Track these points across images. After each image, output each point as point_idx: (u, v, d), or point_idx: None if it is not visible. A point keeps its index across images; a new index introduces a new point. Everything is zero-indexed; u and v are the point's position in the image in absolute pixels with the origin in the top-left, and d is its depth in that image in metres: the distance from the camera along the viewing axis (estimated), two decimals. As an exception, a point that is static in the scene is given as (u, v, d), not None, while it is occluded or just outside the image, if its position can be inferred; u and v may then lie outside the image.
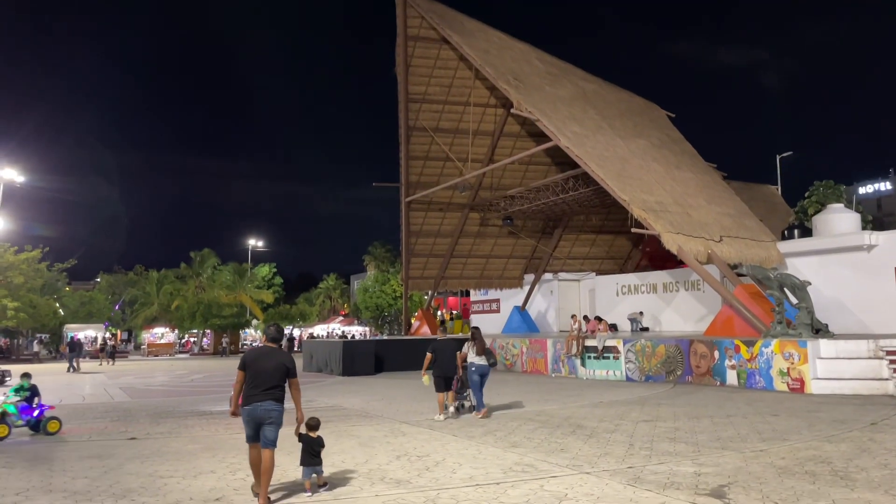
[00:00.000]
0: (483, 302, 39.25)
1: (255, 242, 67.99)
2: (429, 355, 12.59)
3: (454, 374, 12.74)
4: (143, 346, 55.76)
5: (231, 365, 35.07)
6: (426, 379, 12.63)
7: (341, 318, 69.22)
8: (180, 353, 55.43)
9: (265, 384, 6.82)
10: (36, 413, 11.62)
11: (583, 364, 21.23)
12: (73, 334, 48.79)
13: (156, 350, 52.68)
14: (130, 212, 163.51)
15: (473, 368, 12.52)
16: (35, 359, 48.01)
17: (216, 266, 59.08)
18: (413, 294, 41.01)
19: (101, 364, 36.62)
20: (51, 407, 12.20)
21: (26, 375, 12.24)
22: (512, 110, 23.10)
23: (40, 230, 54.43)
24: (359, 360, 24.76)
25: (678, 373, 18.47)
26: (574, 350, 21.40)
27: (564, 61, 30.14)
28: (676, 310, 27.85)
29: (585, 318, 23.04)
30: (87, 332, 50.94)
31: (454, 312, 49.55)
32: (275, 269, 64.80)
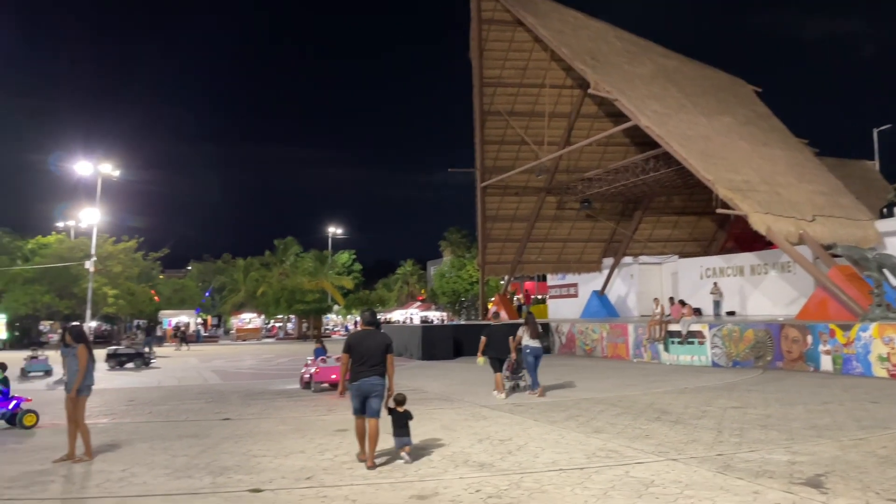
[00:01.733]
0: (560, 286, 38.83)
1: (335, 230, 69.60)
2: (483, 339, 13.30)
3: (507, 355, 13.45)
4: (231, 331, 58.23)
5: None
6: (481, 360, 13.44)
7: (419, 303, 70.11)
8: (266, 337, 57.57)
9: (370, 361, 7.67)
10: (11, 405, 10.95)
11: (666, 349, 20.74)
12: (143, 321, 51.45)
13: (244, 335, 54.89)
14: (218, 202, 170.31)
15: (528, 350, 13.36)
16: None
17: (298, 253, 60.85)
18: (489, 279, 40.98)
19: (176, 349, 38.16)
20: (27, 399, 11.49)
21: (2, 366, 11.50)
22: (589, 91, 22.67)
23: (135, 222, 57.38)
24: (438, 345, 25.03)
25: (768, 358, 17.78)
26: (657, 335, 20.92)
27: (644, 38, 29.28)
28: (765, 293, 26.75)
29: (671, 300, 22.47)
30: (180, 318, 53.54)
31: (517, 297, 49.10)
32: (354, 256, 66.20)
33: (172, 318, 53.29)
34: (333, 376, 14.87)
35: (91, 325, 44.98)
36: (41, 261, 47.94)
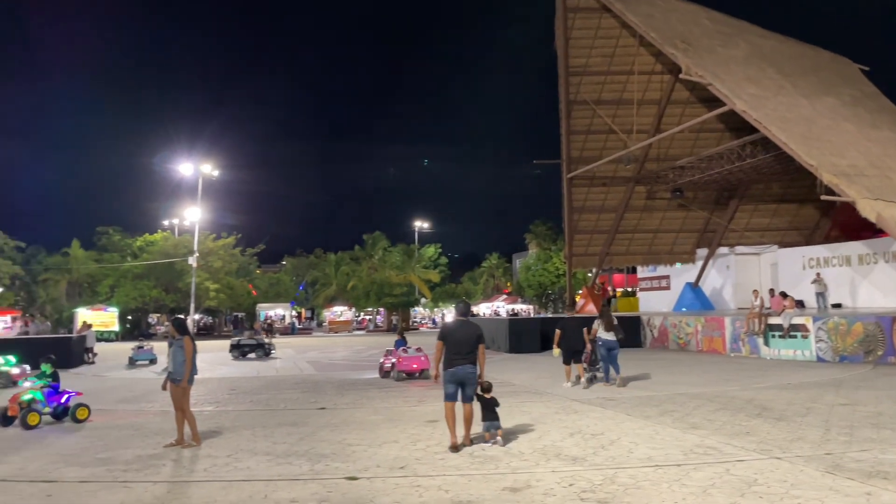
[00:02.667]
0: (651, 279, 37.83)
1: (421, 224, 70.44)
2: (558, 332, 13.80)
3: (581, 348, 13.83)
4: (324, 324, 60.00)
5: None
6: (556, 352, 13.93)
7: (504, 296, 69.98)
8: (357, 329, 58.97)
9: (463, 350, 8.16)
10: (64, 399, 10.89)
11: (766, 343, 19.84)
12: (237, 314, 53.66)
13: (335, 327, 56.44)
14: (310, 198, 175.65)
15: (601, 343, 13.63)
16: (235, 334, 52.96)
17: (386, 248, 61.96)
18: (577, 272, 40.41)
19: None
20: (78, 393, 11.40)
21: (48, 360, 11.38)
22: (680, 76, 21.90)
23: (233, 219, 60.04)
24: (524, 338, 24.92)
25: (878, 353, 16.71)
26: (756, 328, 20.04)
27: (738, 19, 28.02)
28: (875, 284, 25.12)
29: (771, 292, 21.46)
30: (276, 311, 55.63)
31: (598, 283, 47.91)
32: (440, 250, 66.79)
33: (269, 311, 55.46)
34: (415, 365, 15.87)
35: (195, 317, 47.45)
36: (148, 257, 51.01)
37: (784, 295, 20.27)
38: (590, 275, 39.65)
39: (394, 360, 16.32)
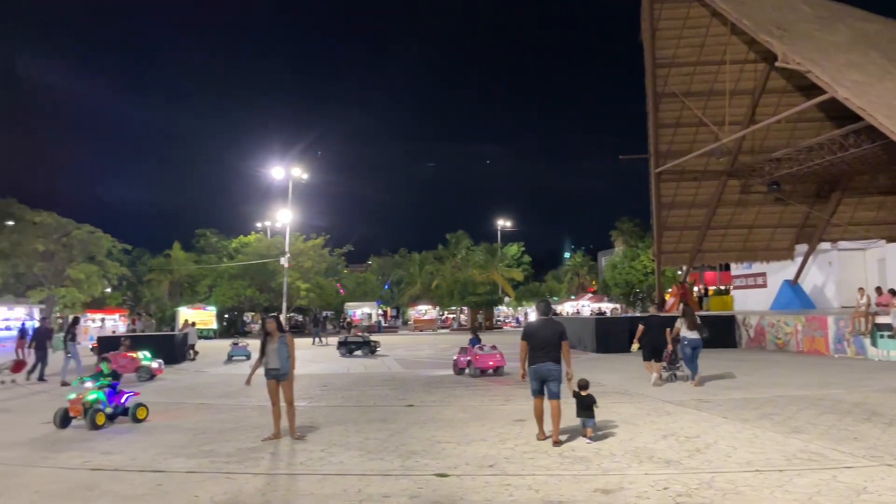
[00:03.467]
0: (746, 276, 36.26)
1: (503, 222, 70.28)
2: (640, 327, 14.00)
3: (663, 346, 13.91)
4: (409, 322, 60.83)
5: (487, 340, 36.74)
6: (635, 347, 14.15)
7: (590, 295, 68.85)
8: (441, 328, 59.45)
9: (546, 348, 8.37)
10: (123, 399, 10.84)
11: (873, 343, 18.67)
12: (315, 313, 54.89)
13: (420, 325, 57.13)
14: (394, 199, 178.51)
15: (686, 342, 13.70)
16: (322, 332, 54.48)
17: (469, 247, 62.17)
18: (665, 269, 39.25)
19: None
20: (136, 393, 11.45)
21: (105, 359, 11.41)
22: (776, 64, 20.86)
23: (321, 220, 61.86)
24: (612, 338, 24.42)
25: None
26: (862, 328, 18.90)
27: (838, 2, 26.47)
28: None
29: (878, 289, 20.19)
30: (363, 310, 56.84)
31: (689, 282, 46.24)
32: (523, 248, 66.39)
33: (356, 310, 56.74)
34: (491, 363, 16.43)
35: (288, 315, 49.09)
36: (243, 258, 53.23)
37: (893, 292, 19.01)
38: (679, 273, 38.44)
39: (469, 357, 16.89)
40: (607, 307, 62.02)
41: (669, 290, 38.64)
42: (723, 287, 47.18)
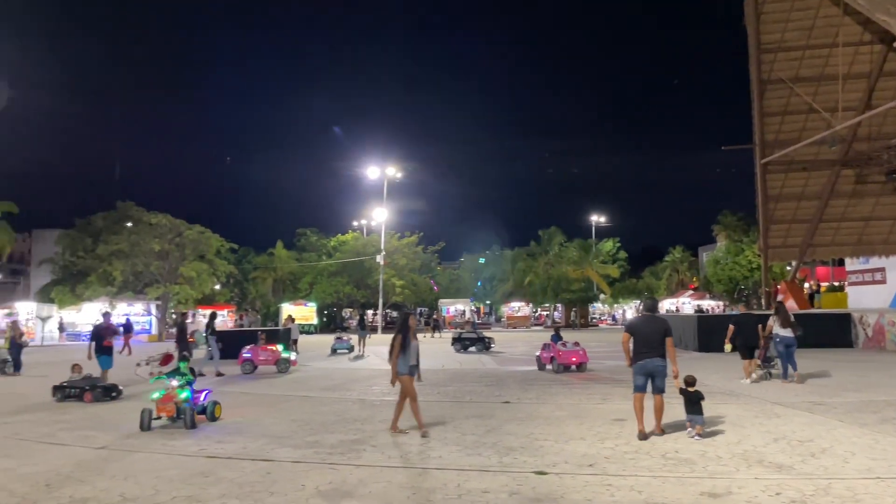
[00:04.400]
0: (863, 272, 33.91)
1: (598, 218, 68.98)
2: (731, 327, 14.02)
3: (755, 344, 13.91)
4: (502, 319, 60.80)
5: (581, 337, 36.19)
6: (728, 347, 14.08)
7: (690, 291, 66.48)
8: (535, 325, 59.06)
9: (651, 344, 8.53)
10: (203, 397, 10.58)
11: None
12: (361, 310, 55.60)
13: (514, 322, 56.98)
14: (486, 196, 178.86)
15: (779, 339, 13.61)
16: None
17: (562, 243, 61.45)
18: (773, 265, 37.34)
19: (429, 336, 40.34)
20: (210, 391, 11.14)
21: (184, 357, 11.21)
22: (895, 45, 19.46)
23: (415, 218, 62.82)
24: (715, 336, 23.43)
25: None
26: None
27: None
28: None
29: None
30: (456, 306, 57.32)
31: (799, 278, 43.66)
32: (618, 244, 64.99)
33: (450, 306, 57.29)
34: (573, 359, 16.92)
35: (384, 311, 50.17)
36: (341, 256, 54.85)
37: None
38: (788, 268, 36.49)
39: (552, 353, 17.34)
40: (709, 304, 59.69)
41: (778, 286, 36.68)
42: (836, 283, 44.42)
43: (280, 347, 18.75)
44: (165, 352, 12.81)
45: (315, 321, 50.71)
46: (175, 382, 10.11)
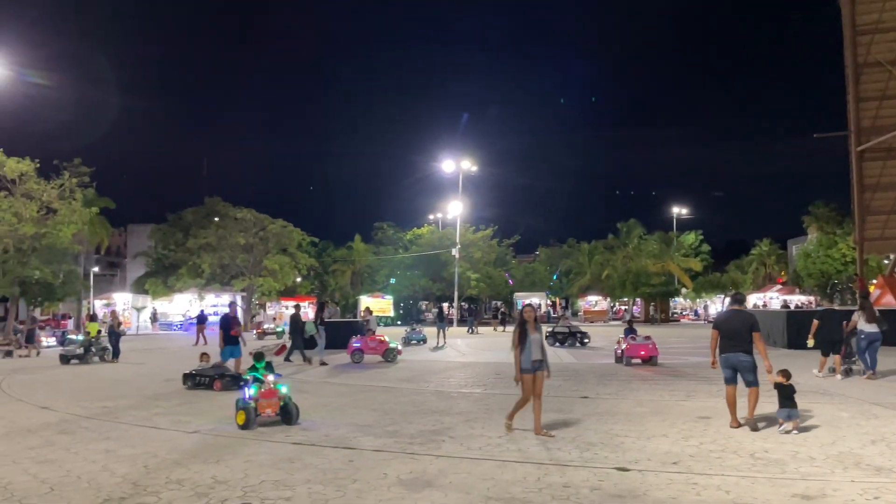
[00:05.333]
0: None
1: (679, 210, 67.03)
2: (815, 322, 13.96)
3: (839, 339, 13.80)
4: (579, 313, 60.02)
5: (662, 333, 35.35)
6: (811, 341, 14.04)
7: (779, 286, 63.72)
8: (612, 319, 58.01)
9: (736, 338, 8.59)
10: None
11: None
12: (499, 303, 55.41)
13: (591, 316, 56.19)
14: (562, 188, 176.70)
15: (863, 336, 13.52)
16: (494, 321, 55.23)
17: (642, 236, 60.09)
18: (869, 258, 35.31)
19: (494, 329, 40.02)
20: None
21: (260, 356, 10.49)
22: None
23: (490, 211, 62.88)
24: (806, 332, 22.35)
25: None
26: None
27: None
28: None
29: None
30: (532, 300, 56.94)
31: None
32: (701, 237, 62.96)
33: (525, 300, 56.99)
34: (642, 352, 17.28)
35: (459, 304, 50.42)
36: (417, 249, 55.45)
37: None
38: (886, 262, 34.44)
39: (624, 346, 17.78)
40: (799, 300, 57.06)
41: (874, 280, 34.69)
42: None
43: (388, 338, 19.65)
44: (281, 342, 13.16)
45: (392, 313, 51.48)
46: (272, 377, 9.64)
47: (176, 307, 49.69)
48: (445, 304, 53.02)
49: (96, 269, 58.42)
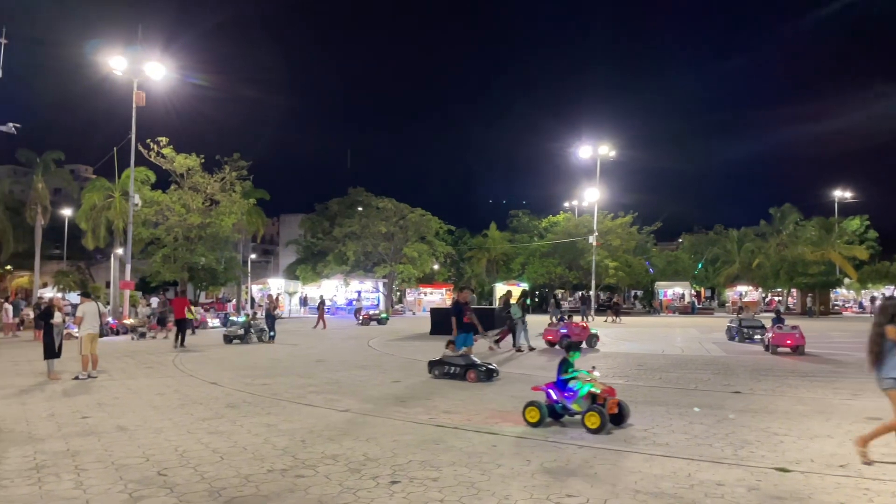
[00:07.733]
0: None
1: (841, 192, 61.71)
2: None
3: None
4: (726, 304, 56.89)
5: (821, 326, 32.74)
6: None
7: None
8: (765, 311, 54.50)
9: None
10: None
11: None
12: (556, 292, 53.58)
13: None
14: (707, 173, 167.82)
15: None
16: (632, 311, 53.77)
17: (798, 221, 55.93)
18: None
19: (605, 321, 38.25)
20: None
21: (573, 345, 9.40)
22: None
23: (629, 198, 60.96)
24: None
25: None
26: None
27: None
28: None
29: None
30: (674, 290, 54.72)
31: None
32: (867, 222, 57.57)
33: (668, 290, 54.84)
34: (788, 341, 17.45)
35: (596, 294, 49.42)
36: (553, 237, 54.93)
37: None
38: None
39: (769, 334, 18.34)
40: None
41: None
42: None
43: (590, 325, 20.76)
44: (504, 328, 13.50)
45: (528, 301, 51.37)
46: (597, 373, 8.78)
47: (323, 292, 52.59)
48: (579, 293, 52.05)
49: (253, 256, 62.92)
